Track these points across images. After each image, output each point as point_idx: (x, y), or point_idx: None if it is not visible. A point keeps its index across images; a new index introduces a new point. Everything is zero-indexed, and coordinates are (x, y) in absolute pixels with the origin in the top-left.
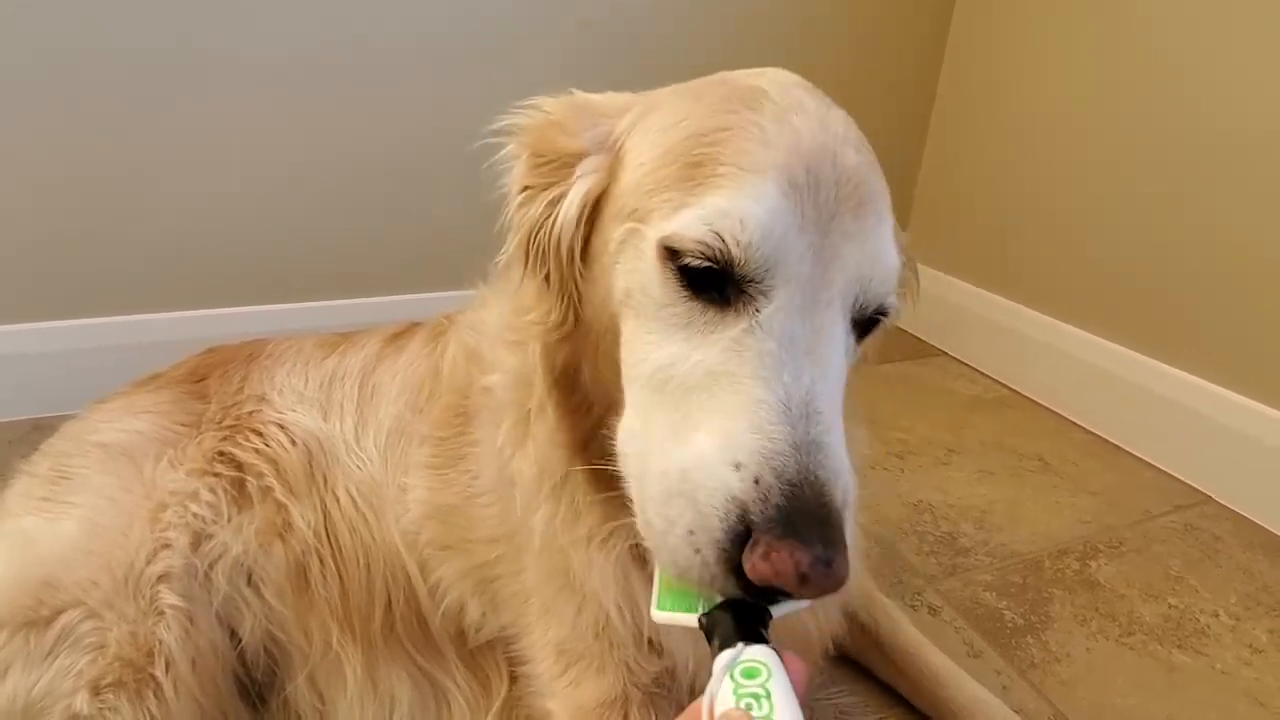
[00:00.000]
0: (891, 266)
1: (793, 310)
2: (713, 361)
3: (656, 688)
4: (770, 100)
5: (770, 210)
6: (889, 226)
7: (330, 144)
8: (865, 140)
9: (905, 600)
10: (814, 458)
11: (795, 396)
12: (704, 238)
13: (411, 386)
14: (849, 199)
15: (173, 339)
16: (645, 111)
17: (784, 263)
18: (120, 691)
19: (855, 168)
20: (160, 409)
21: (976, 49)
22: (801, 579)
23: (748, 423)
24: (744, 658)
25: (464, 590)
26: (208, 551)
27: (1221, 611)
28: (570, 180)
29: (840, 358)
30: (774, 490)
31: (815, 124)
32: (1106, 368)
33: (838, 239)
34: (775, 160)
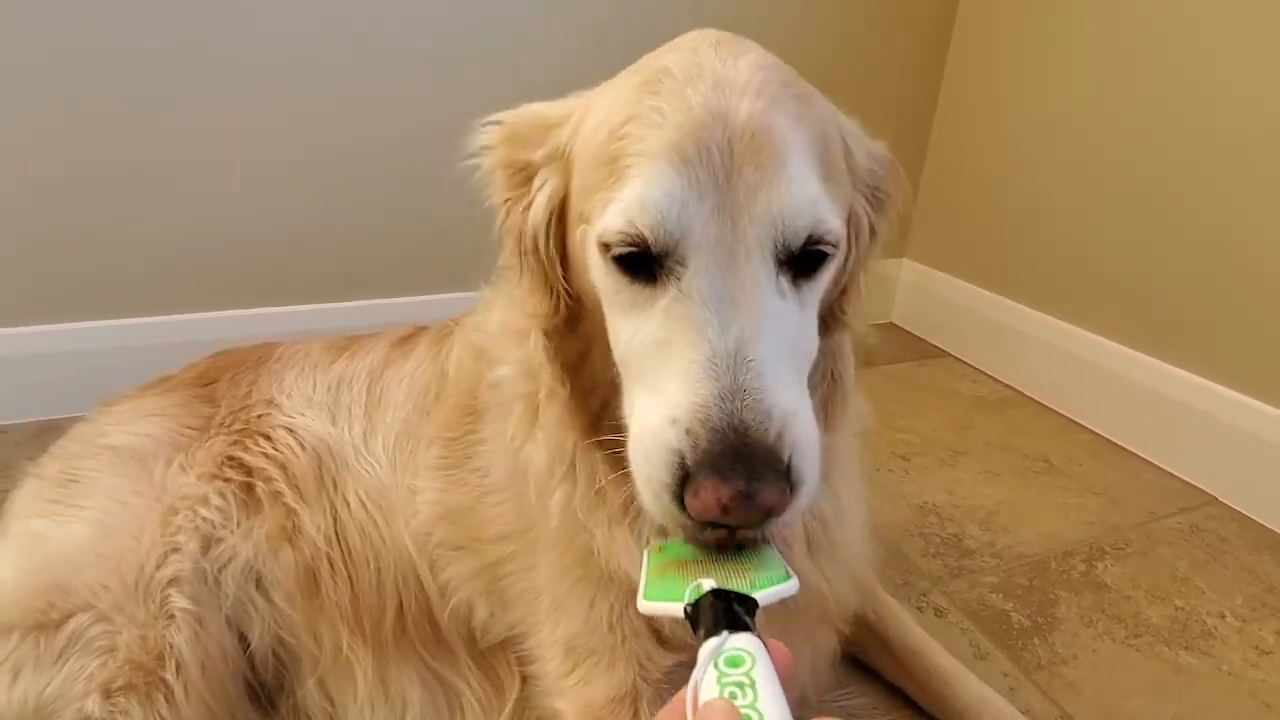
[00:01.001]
0: (806, 198)
1: (710, 271)
2: (654, 332)
3: (667, 683)
4: (670, 78)
5: (665, 189)
6: (800, 160)
7: (333, 145)
8: (778, 77)
9: (911, 602)
10: (739, 403)
11: (721, 350)
12: (621, 228)
13: (418, 390)
14: (747, 152)
15: (179, 340)
16: (583, 115)
17: (690, 231)
18: (130, 694)
19: (749, 119)
20: (169, 412)
21: (979, 52)
22: (724, 509)
23: (680, 382)
24: (728, 646)
25: (473, 590)
26: (218, 555)
27: (1228, 613)
28: (533, 191)
29: (773, 302)
30: (701, 437)
31: (708, 89)
32: (1111, 368)
33: (742, 192)
34: (667, 140)
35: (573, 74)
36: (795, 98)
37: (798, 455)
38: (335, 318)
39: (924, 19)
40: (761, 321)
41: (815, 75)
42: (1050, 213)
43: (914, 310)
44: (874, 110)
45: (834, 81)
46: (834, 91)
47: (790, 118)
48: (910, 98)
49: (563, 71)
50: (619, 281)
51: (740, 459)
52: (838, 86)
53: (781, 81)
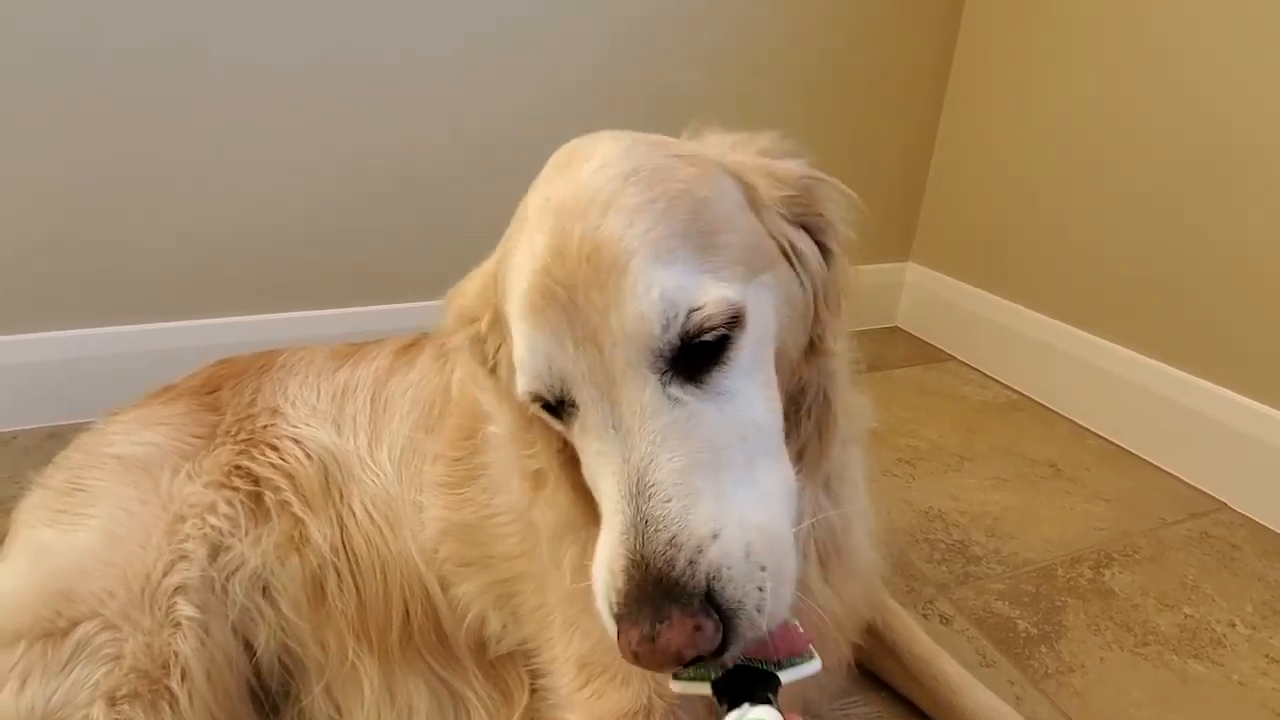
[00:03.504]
0: (657, 299)
1: (597, 404)
2: (586, 466)
3: (680, 699)
4: (526, 226)
5: (529, 347)
6: (645, 259)
7: (340, 150)
8: (620, 170)
9: (917, 609)
10: (643, 534)
11: (624, 482)
12: (522, 389)
13: (422, 403)
14: (588, 279)
15: (186, 346)
16: (495, 276)
17: (565, 373)
18: (136, 702)
19: (582, 242)
20: (175, 421)
21: (984, 57)
22: (635, 657)
23: (605, 516)
24: (748, 717)
25: (485, 604)
26: (225, 564)
27: (1238, 621)
28: (490, 359)
29: (666, 417)
30: (617, 576)
31: (550, 224)
32: (1119, 373)
33: (597, 319)
34: (520, 297)
35: (588, 78)
36: (642, 182)
37: (720, 579)
38: (343, 324)
39: (929, 25)
40: (658, 443)
41: (821, 85)
42: (1056, 216)
43: (919, 314)
44: (879, 115)
45: (839, 87)
46: (839, 97)
47: (627, 213)
48: (915, 103)
49: (578, 74)
50: (556, 423)
51: (645, 598)
52: (843, 92)
53: (623, 173)
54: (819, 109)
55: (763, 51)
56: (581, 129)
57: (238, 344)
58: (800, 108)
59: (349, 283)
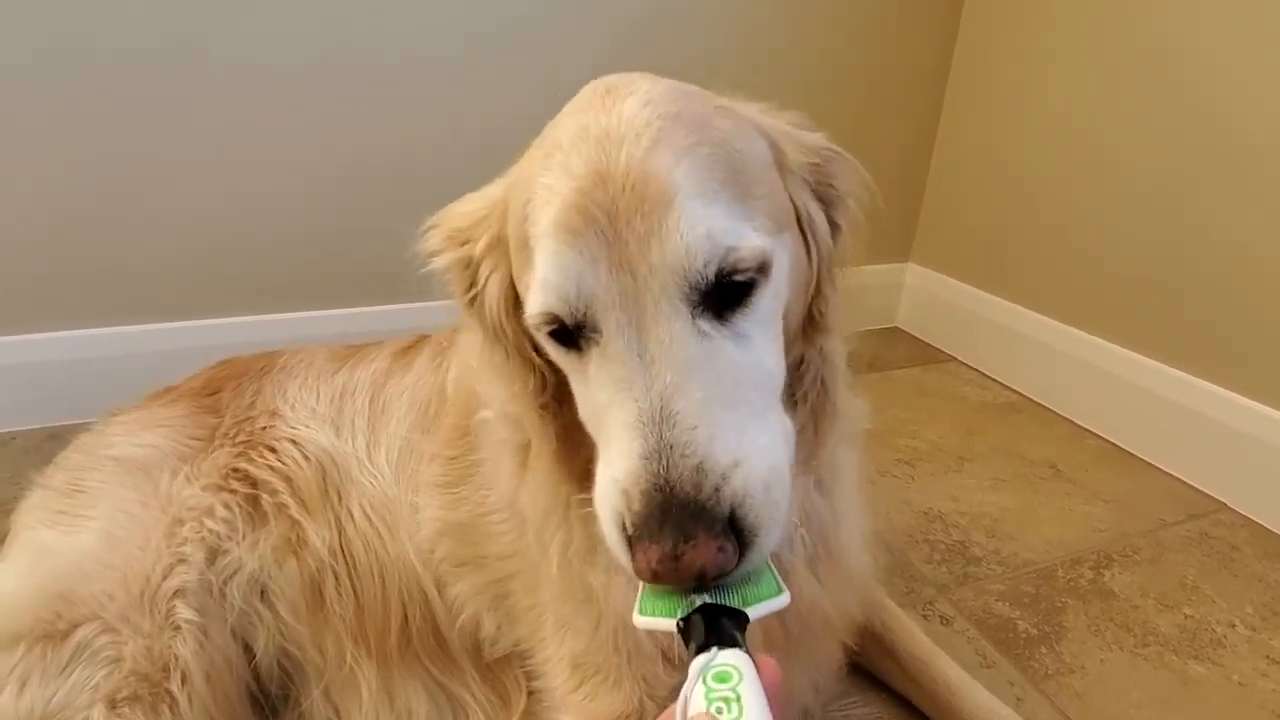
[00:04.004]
0: (699, 234)
1: (624, 330)
2: (594, 396)
3: (673, 700)
4: (558, 148)
5: (559, 267)
6: (690, 194)
7: (340, 149)
8: (665, 109)
9: (917, 610)
10: (665, 461)
11: (648, 409)
12: (537, 310)
13: (419, 404)
14: (631, 206)
15: (187, 347)
16: (506, 200)
17: (593, 298)
18: (136, 705)
19: (628, 169)
20: (174, 423)
21: (984, 56)
22: (654, 574)
23: (617, 443)
24: (716, 662)
25: (480, 605)
26: (223, 567)
27: (1238, 622)
28: (482, 282)
29: (694, 348)
30: (634, 499)
31: (591, 149)
32: (1118, 373)
33: (634, 246)
34: (555, 216)
35: (591, 77)
36: (687, 124)
37: (745, 507)
38: (343, 324)
39: (929, 25)
40: (684, 372)
41: (820, 84)
42: (1056, 216)
43: (919, 315)
44: (879, 116)
45: (839, 88)
46: (839, 97)
47: (676, 151)
48: (915, 102)
49: (579, 74)
50: (560, 353)
51: (669, 519)
52: (843, 93)
53: (669, 113)
54: (819, 109)
55: (762, 51)
56: None
57: (238, 344)
58: (800, 108)
59: (349, 283)
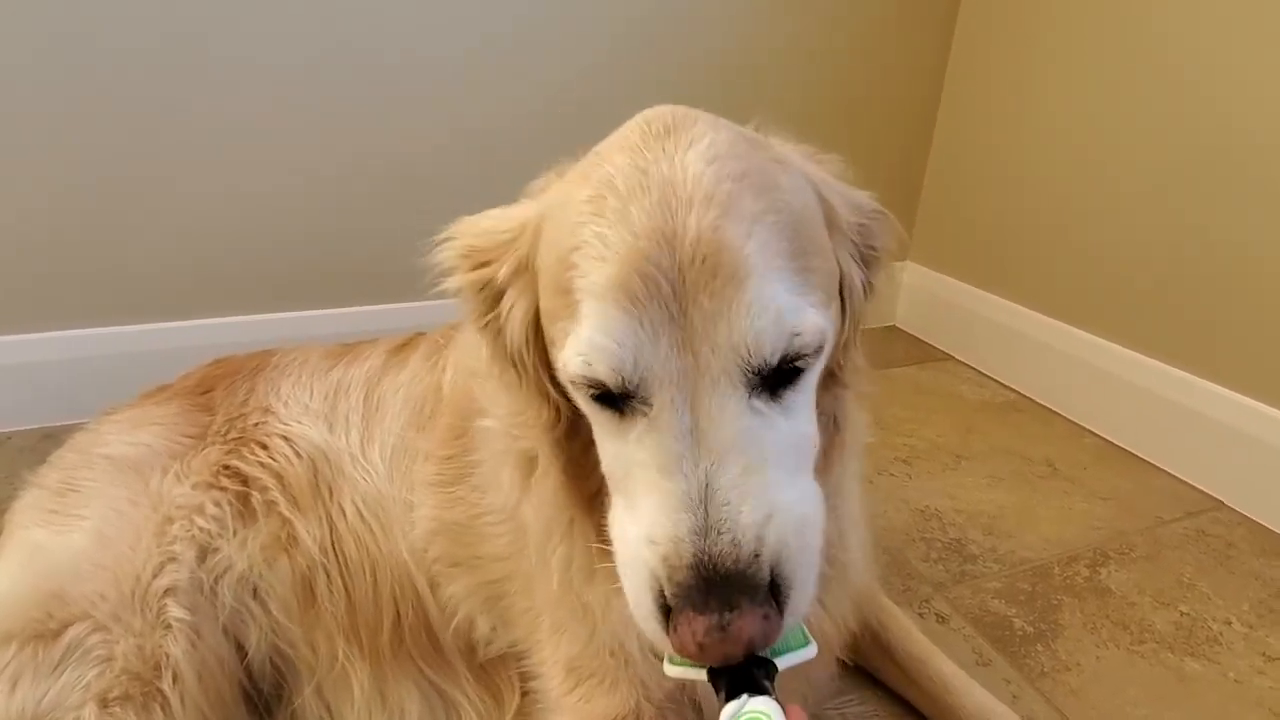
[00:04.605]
0: (769, 320)
1: (678, 405)
2: (631, 458)
3: (670, 703)
4: (614, 193)
5: (616, 336)
6: (762, 273)
7: (337, 150)
8: (732, 168)
9: (913, 608)
10: (712, 539)
11: (693, 485)
12: (580, 371)
13: (414, 403)
14: (700, 277)
15: (182, 346)
16: (538, 225)
17: (649, 372)
18: (127, 705)
19: (699, 238)
20: (167, 421)
21: (981, 54)
22: (700, 648)
23: (657, 507)
24: (748, 709)
25: (473, 606)
26: (213, 565)
27: (1234, 619)
28: (506, 310)
29: (746, 426)
30: (677, 570)
31: (653, 204)
32: (1115, 372)
33: (699, 323)
34: (612, 276)
35: (590, 79)
36: (755, 189)
37: (780, 564)
38: (342, 324)
39: (926, 23)
40: (733, 451)
41: (818, 82)
42: (1054, 215)
43: (917, 313)
44: (877, 113)
45: (837, 85)
46: (837, 96)
47: (747, 222)
48: (913, 100)
49: (579, 75)
50: (593, 408)
51: (714, 592)
52: (840, 90)
53: (737, 173)
54: (816, 109)
55: (761, 51)
56: (582, 128)
57: (237, 344)
58: (798, 107)
59: (349, 283)
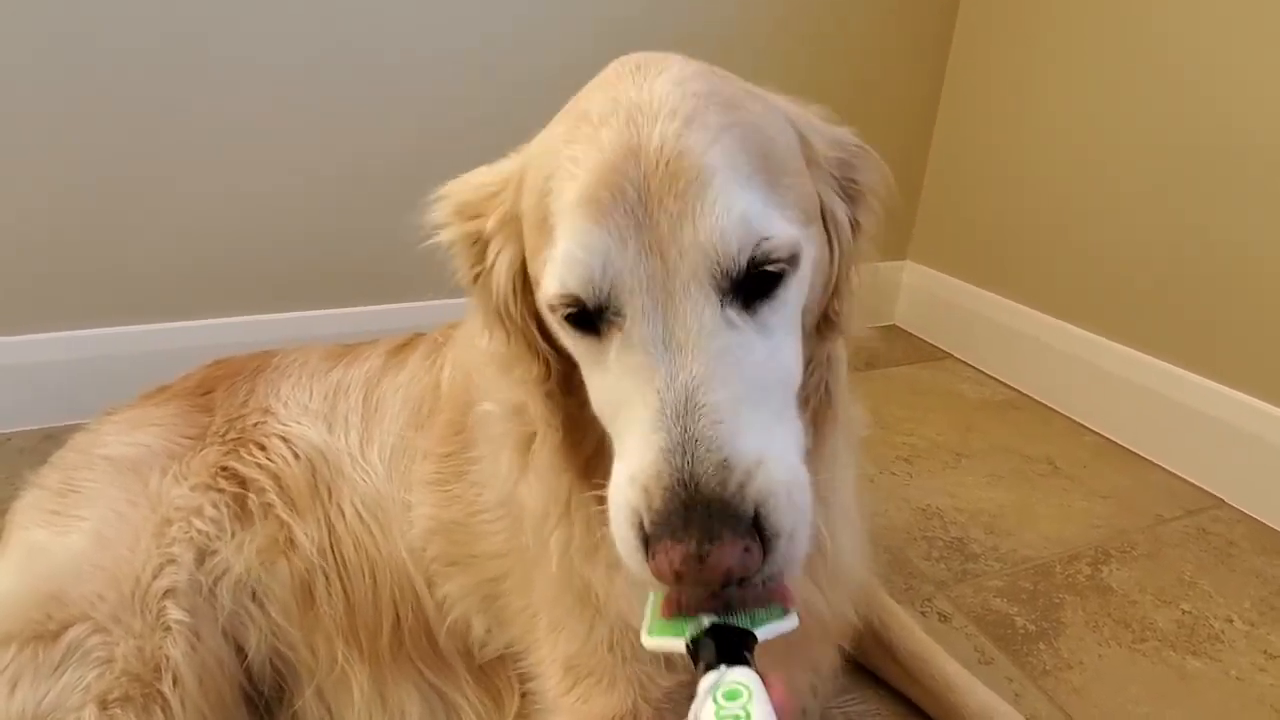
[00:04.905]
0: (734, 219)
1: (649, 315)
2: (612, 385)
3: (668, 702)
4: (586, 121)
5: (584, 244)
6: (726, 177)
7: (338, 149)
8: (698, 88)
9: (915, 607)
10: (690, 455)
11: (671, 399)
12: (556, 290)
13: (413, 402)
14: (664, 184)
15: (183, 347)
16: (522, 174)
17: (619, 279)
18: (127, 706)
19: (663, 146)
20: (166, 422)
21: (980, 52)
22: (677, 576)
23: (636, 437)
24: (726, 680)
25: (469, 605)
26: (212, 568)
27: (1236, 617)
28: (491, 259)
29: (723, 338)
30: (655, 496)
31: (622, 124)
32: (1116, 370)
33: (666, 227)
34: (581, 190)
35: (582, 78)
36: (720, 105)
37: (768, 506)
38: (342, 324)
39: (925, 19)
40: (712, 362)
41: (817, 80)
42: (1053, 214)
43: (917, 312)
44: (876, 111)
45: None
46: (835, 90)
47: (711, 131)
48: (912, 98)
49: (578, 75)
50: (575, 338)
51: (693, 517)
52: (839, 87)
53: (703, 92)
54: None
55: (761, 49)
56: None
57: (237, 344)
58: None
59: (349, 283)
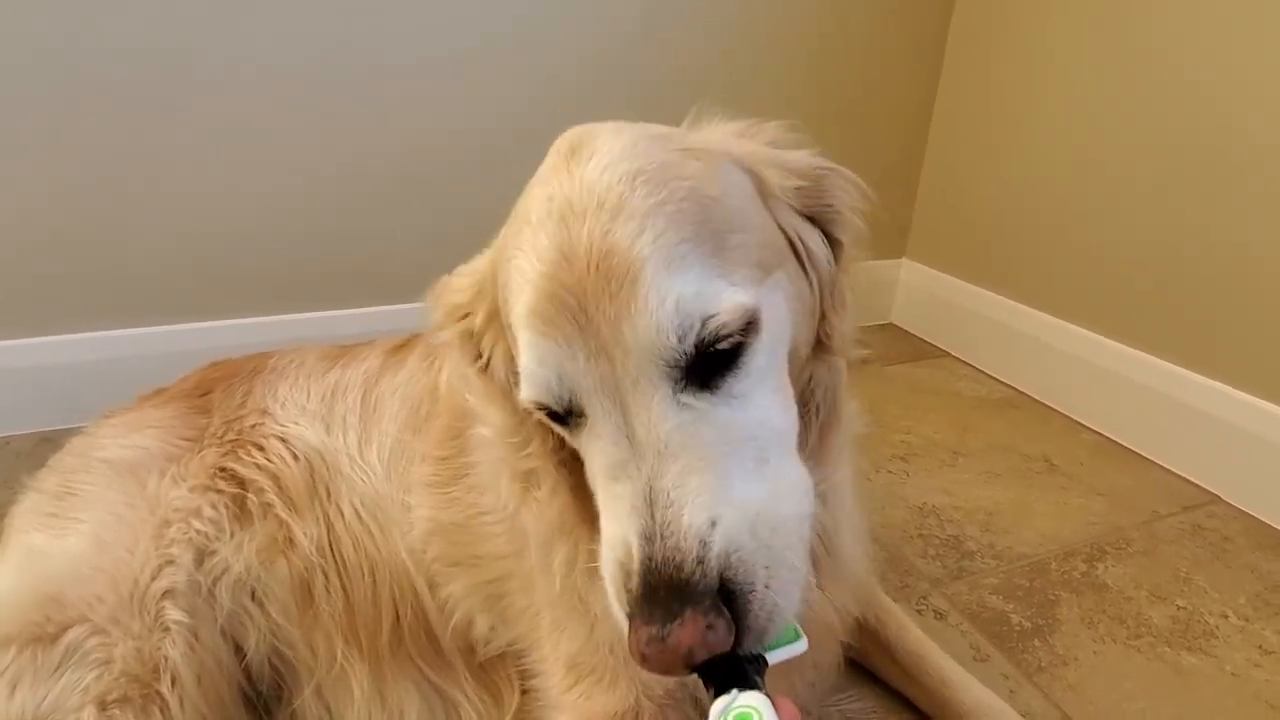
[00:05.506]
0: (673, 309)
1: (610, 413)
2: (590, 471)
3: (670, 700)
4: (528, 226)
5: (537, 359)
6: (657, 265)
7: (346, 149)
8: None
9: (911, 604)
10: (657, 544)
11: (635, 489)
12: (527, 399)
13: (411, 404)
14: (598, 287)
15: (180, 350)
16: (493, 273)
17: (575, 386)
18: (126, 707)
19: (591, 247)
20: (164, 424)
21: (977, 50)
22: (643, 659)
23: (613, 513)
24: (738, 704)
25: (472, 605)
26: (211, 568)
27: (1231, 613)
28: (487, 354)
29: (679, 424)
30: (630, 575)
31: (555, 226)
32: (1112, 368)
33: (609, 331)
34: (528, 304)
35: (587, 81)
36: (648, 183)
37: (732, 569)
38: (343, 324)
39: (922, 18)
40: (668, 453)
41: (814, 80)
42: (1051, 211)
43: (913, 310)
44: (874, 110)
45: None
46: (832, 89)
47: (637, 219)
48: (909, 97)
49: (577, 76)
50: (559, 429)
51: (657, 600)
52: (836, 85)
53: (630, 174)
54: (813, 105)
55: (759, 48)
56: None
57: (236, 346)
58: (794, 103)
59: (349, 283)
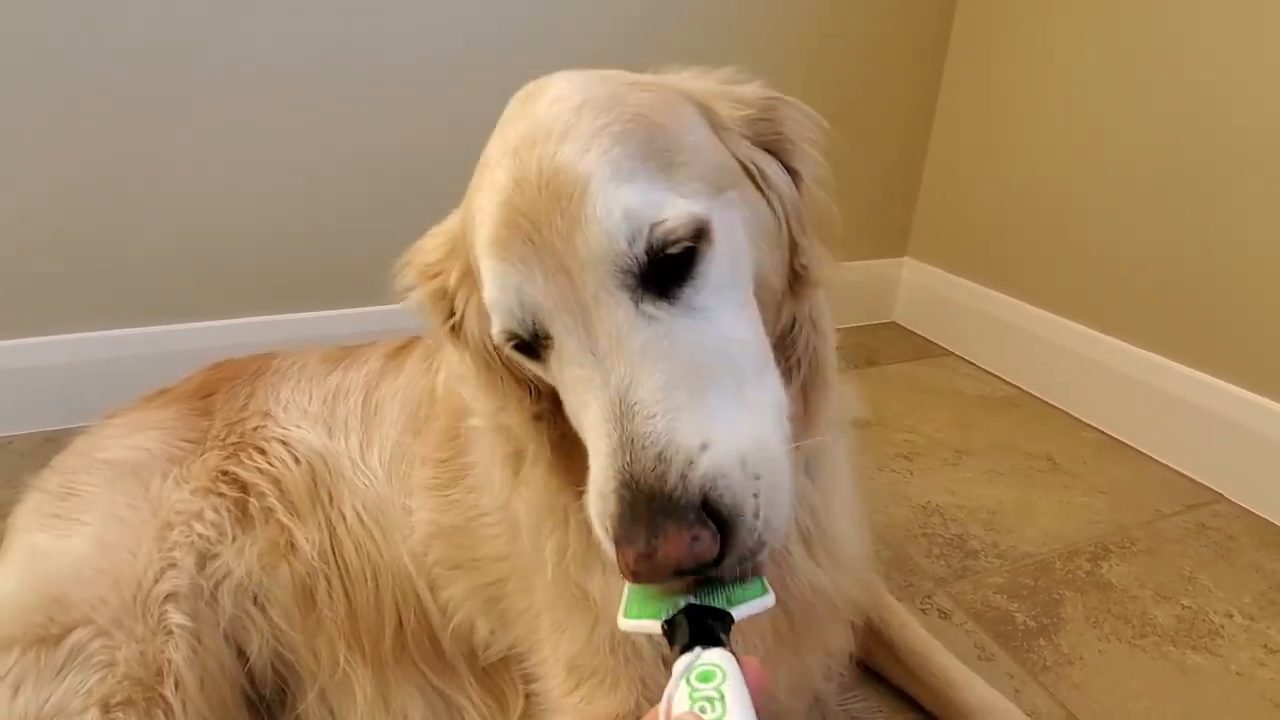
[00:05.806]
0: (621, 216)
1: (573, 331)
2: (566, 400)
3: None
4: (486, 167)
5: (498, 284)
6: (603, 178)
7: (346, 149)
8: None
9: (915, 603)
10: (630, 454)
11: (608, 405)
12: (495, 330)
13: (410, 406)
14: (550, 205)
15: (183, 350)
16: (463, 229)
17: (537, 306)
18: (130, 710)
19: (541, 169)
20: (167, 425)
21: (979, 49)
22: (634, 576)
23: (590, 443)
24: (700, 662)
25: (473, 608)
26: (213, 572)
27: (1235, 612)
28: (460, 311)
29: (643, 334)
30: (608, 499)
31: (509, 159)
32: (1115, 366)
33: (563, 246)
34: (487, 234)
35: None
36: (594, 109)
37: (718, 489)
38: (343, 324)
39: (923, 18)
40: (635, 361)
41: (816, 79)
42: (1053, 209)
43: (916, 309)
44: (875, 109)
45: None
46: (833, 89)
47: (584, 139)
48: (911, 96)
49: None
50: (532, 364)
51: (638, 516)
52: (838, 84)
53: (578, 102)
54: (813, 105)
55: (760, 47)
56: None
57: (237, 345)
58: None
59: (349, 283)
